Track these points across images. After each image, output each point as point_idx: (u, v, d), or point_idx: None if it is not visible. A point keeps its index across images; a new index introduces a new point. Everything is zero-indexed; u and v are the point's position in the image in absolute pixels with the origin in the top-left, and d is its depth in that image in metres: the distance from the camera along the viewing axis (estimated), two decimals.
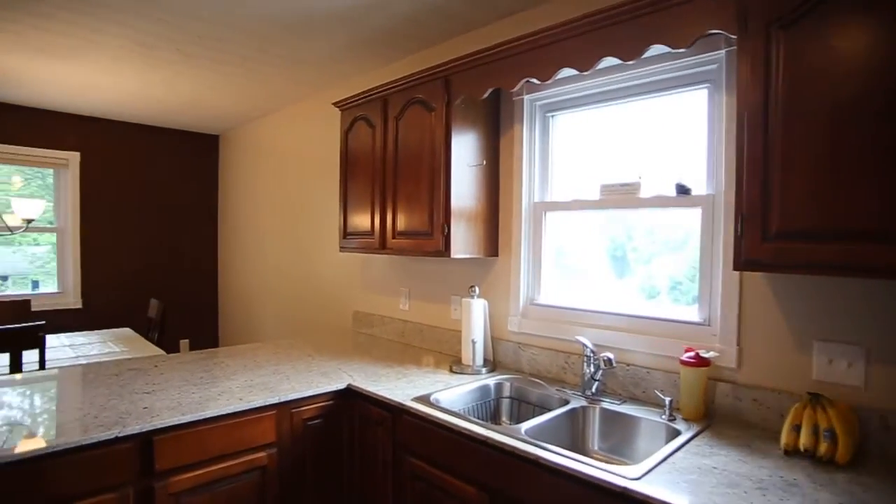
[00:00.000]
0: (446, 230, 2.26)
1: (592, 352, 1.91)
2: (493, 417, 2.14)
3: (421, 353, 2.71)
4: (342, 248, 2.91)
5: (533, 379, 2.18)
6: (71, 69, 3.33)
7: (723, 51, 1.72)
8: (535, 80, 1.93)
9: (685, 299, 1.95)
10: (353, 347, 2.85)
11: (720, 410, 1.73)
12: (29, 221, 3.43)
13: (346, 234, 2.87)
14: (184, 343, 5.10)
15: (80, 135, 4.48)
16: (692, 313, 1.86)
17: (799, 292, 1.59)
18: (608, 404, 1.87)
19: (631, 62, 1.69)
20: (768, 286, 1.65)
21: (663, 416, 1.71)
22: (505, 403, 2.16)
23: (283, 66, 3.18)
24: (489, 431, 1.61)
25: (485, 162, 2.39)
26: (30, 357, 2.78)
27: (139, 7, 2.41)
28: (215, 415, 1.78)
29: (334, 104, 2.91)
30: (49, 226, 4.47)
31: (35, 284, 4.52)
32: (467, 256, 2.35)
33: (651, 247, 2.09)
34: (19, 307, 3.78)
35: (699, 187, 1.84)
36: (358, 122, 2.75)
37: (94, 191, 4.57)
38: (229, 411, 1.81)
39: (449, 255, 2.27)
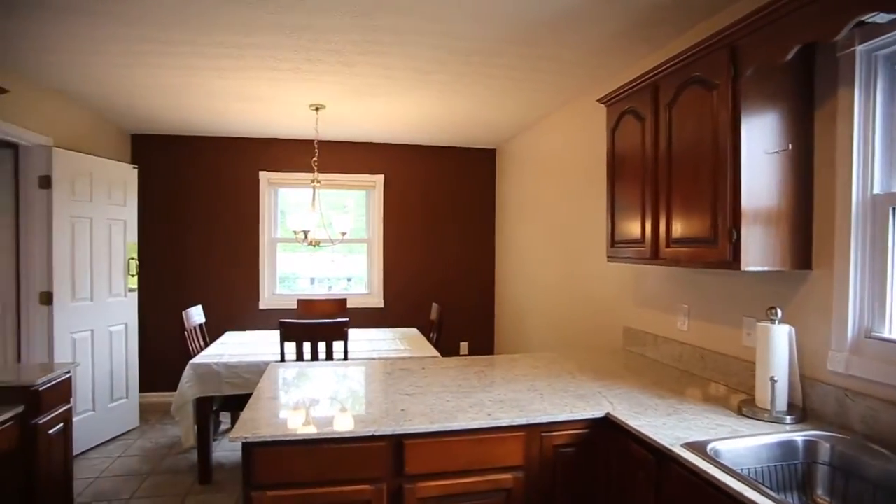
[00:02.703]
0: (734, 236, 1.79)
1: None
2: (800, 489, 1.58)
3: (700, 384, 2.24)
4: (610, 258, 2.64)
5: (870, 444, 1.54)
6: (372, 105, 3.90)
7: None
8: (878, 16, 1.34)
9: None
10: (620, 369, 2.54)
11: None
12: (343, 234, 4.13)
13: (613, 242, 2.59)
14: (463, 345, 5.49)
15: (383, 160, 5.27)
16: None
17: None
18: None
19: None
20: None
21: None
22: (821, 472, 1.58)
23: (546, 70, 3.08)
24: None
25: (790, 146, 1.82)
26: (338, 346, 3.30)
27: (417, 38, 2.63)
28: (461, 428, 1.75)
29: (599, 100, 2.67)
30: (362, 238, 5.37)
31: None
32: (764, 269, 1.82)
33: None
34: (339, 304, 4.60)
35: None
36: (625, 116, 2.45)
37: (392, 207, 5.31)
38: (475, 426, 1.76)
39: (738, 268, 1.79)
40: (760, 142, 1.79)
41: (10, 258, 3.45)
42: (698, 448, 1.52)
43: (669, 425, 1.72)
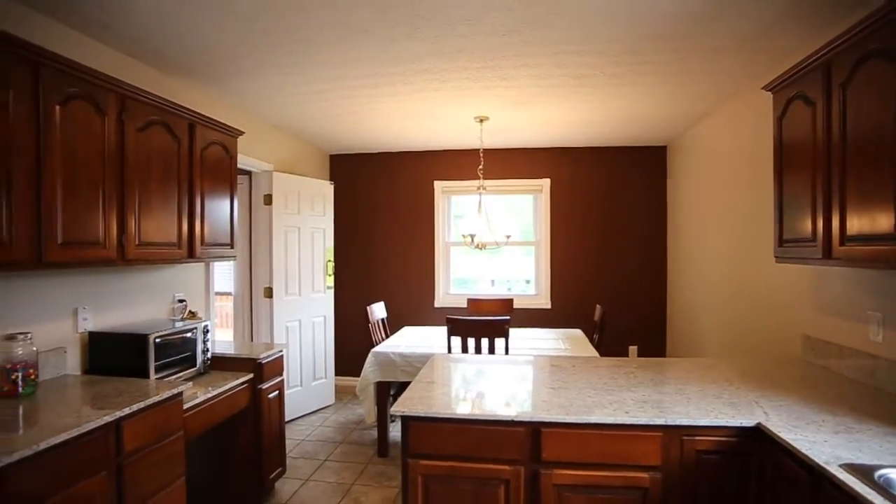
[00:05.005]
0: None
1: None
2: None
3: (895, 405, 1.94)
4: (778, 258, 2.41)
5: None
6: (532, 113, 4.05)
7: None
8: None
9: None
10: (789, 380, 2.30)
11: None
12: (507, 237, 4.34)
13: (782, 240, 2.36)
14: (632, 349, 5.30)
15: (549, 163, 5.36)
16: None
17: None
18: None
19: None
20: None
21: None
22: None
23: (701, 61, 2.90)
24: None
25: None
26: (501, 343, 3.50)
27: (565, 46, 2.72)
28: (596, 422, 1.81)
29: (764, 87, 2.45)
30: (529, 241, 5.52)
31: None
32: None
33: None
34: (506, 304, 4.83)
35: None
36: (793, 102, 2.23)
37: (560, 209, 5.37)
38: (609, 422, 1.80)
39: None
40: None
41: (246, 261, 4.37)
42: (862, 472, 1.37)
43: (832, 443, 1.56)
